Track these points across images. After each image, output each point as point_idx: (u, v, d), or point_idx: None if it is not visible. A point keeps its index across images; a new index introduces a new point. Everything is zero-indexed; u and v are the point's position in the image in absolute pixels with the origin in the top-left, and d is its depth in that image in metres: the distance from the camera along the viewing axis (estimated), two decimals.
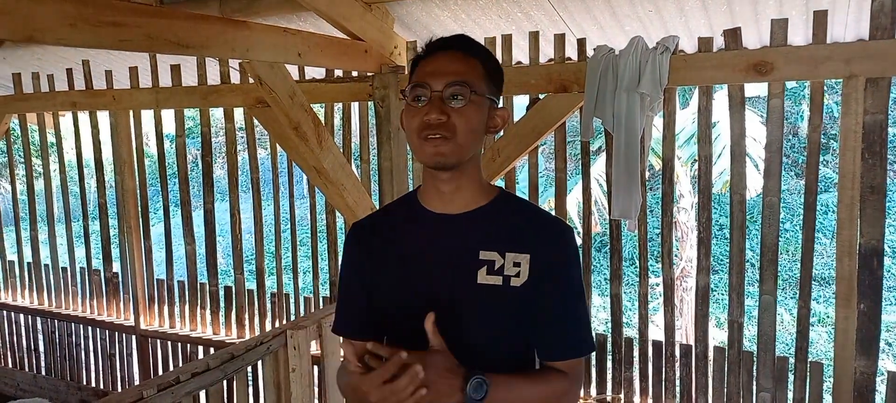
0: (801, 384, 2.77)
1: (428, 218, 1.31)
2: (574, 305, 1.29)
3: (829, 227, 10.93)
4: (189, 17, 2.25)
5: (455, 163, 1.23)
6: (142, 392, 2.18)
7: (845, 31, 2.71)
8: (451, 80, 1.21)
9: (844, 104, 2.49)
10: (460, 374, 1.16)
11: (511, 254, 1.25)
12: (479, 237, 1.27)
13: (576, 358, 1.30)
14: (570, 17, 2.95)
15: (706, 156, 2.86)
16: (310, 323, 2.77)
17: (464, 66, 1.23)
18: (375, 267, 1.35)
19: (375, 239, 1.37)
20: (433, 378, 1.12)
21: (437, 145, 1.21)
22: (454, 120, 1.21)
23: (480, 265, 1.26)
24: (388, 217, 1.42)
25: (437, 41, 1.28)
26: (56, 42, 1.95)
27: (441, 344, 1.17)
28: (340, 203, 3.22)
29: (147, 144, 4.73)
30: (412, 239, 1.33)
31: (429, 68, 1.25)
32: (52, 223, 4.91)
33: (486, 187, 1.33)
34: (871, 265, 2.52)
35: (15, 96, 4.70)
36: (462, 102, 1.21)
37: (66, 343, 4.96)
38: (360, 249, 1.38)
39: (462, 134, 1.22)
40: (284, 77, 2.77)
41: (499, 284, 1.25)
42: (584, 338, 1.30)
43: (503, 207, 1.31)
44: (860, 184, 2.49)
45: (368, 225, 1.41)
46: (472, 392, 1.14)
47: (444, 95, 1.21)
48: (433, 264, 1.29)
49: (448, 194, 1.29)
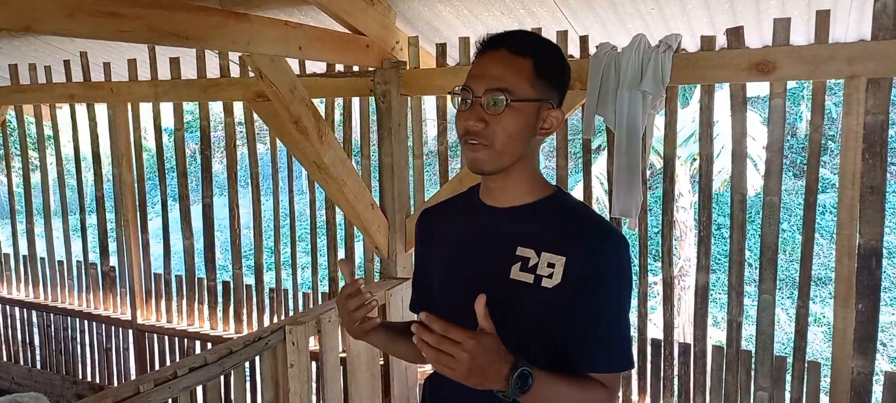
0: (798, 383, 2.77)
1: (480, 209, 1.33)
2: (611, 316, 1.24)
3: (827, 228, 10.95)
4: (189, 9, 2.23)
5: (493, 170, 1.24)
6: (139, 387, 2.17)
7: (847, 31, 2.70)
8: (490, 86, 1.19)
9: (846, 104, 2.49)
10: (509, 361, 1.11)
11: (547, 254, 1.23)
12: (520, 233, 1.27)
13: (610, 372, 1.26)
14: (572, 15, 2.94)
15: (707, 154, 2.85)
16: (308, 318, 2.76)
17: (507, 69, 1.20)
18: (433, 253, 1.41)
19: (433, 224, 1.44)
20: (483, 362, 1.08)
21: (476, 151, 1.22)
22: (493, 127, 1.20)
23: (516, 261, 1.25)
24: (450, 205, 1.45)
25: (489, 38, 1.26)
26: (53, 32, 1.93)
27: (491, 328, 1.13)
28: (340, 198, 3.21)
29: (145, 138, 4.71)
30: (462, 227, 1.36)
31: (475, 69, 1.23)
32: (48, 216, 4.89)
33: (540, 184, 1.32)
34: (870, 265, 2.52)
35: (12, 88, 4.68)
36: (500, 109, 1.19)
37: (62, 337, 4.95)
38: (422, 235, 1.47)
39: (500, 141, 1.21)
40: (285, 70, 2.76)
41: (530, 282, 1.23)
42: (619, 353, 1.26)
43: (552, 206, 1.30)
44: (860, 185, 2.49)
45: (430, 211, 1.49)
46: (517, 382, 1.10)
47: (483, 101, 1.20)
48: (474, 254, 1.31)
49: (496, 190, 1.30)
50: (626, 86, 2.70)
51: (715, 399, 2.93)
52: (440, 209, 1.47)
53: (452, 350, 1.06)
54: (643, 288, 3.06)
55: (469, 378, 1.08)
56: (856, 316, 2.55)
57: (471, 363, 1.07)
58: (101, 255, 4.71)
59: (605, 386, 1.24)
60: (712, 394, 2.94)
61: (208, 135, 4.17)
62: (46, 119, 4.81)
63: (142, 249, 4.48)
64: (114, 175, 4.45)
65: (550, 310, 1.23)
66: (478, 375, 1.08)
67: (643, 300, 3.07)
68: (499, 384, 1.11)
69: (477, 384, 1.10)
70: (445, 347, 1.07)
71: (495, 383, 1.11)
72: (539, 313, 1.24)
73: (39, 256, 5.03)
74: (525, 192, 1.29)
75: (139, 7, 2.07)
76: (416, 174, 3.51)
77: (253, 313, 4.19)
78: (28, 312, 5.11)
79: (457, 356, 1.06)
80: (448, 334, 1.07)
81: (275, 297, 4.11)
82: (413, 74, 3.30)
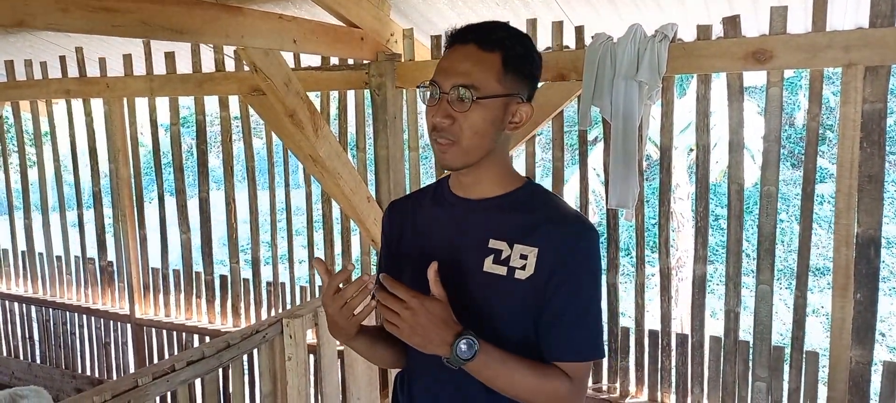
0: (796, 373, 2.77)
1: (451, 201, 1.33)
2: (579, 306, 1.24)
3: (826, 218, 10.96)
4: (183, 3, 2.22)
5: (461, 166, 1.23)
6: (137, 381, 2.17)
7: (845, 18, 2.70)
8: (457, 82, 1.18)
9: (843, 93, 2.48)
10: (453, 329, 1.15)
11: (519, 246, 1.23)
12: (492, 225, 1.26)
13: (577, 362, 1.25)
14: (567, 5, 2.93)
15: (704, 145, 2.85)
16: (306, 311, 2.76)
17: (474, 65, 1.19)
18: (402, 245, 1.39)
19: (403, 216, 1.42)
20: (425, 322, 1.13)
21: (443, 149, 1.21)
22: (459, 123, 1.19)
23: (488, 253, 1.25)
24: (419, 197, 1.44)
25: (461, 29, 1.24)
26: (47, 27, 1.92)
27: (442, 295, 1.16)
28: (336, 192, 3.20)
29: (141, 133, 4.70)
30: (433, 220, 1.35)
31: (443, 63, 1.22)
32: (46, 212, 4.88)
33: (511, 176, 1.31)
34: (868, 254, 2.52)
35: (7, 84, 4.66)
36: (466, 106, 1.19)
37: (61, 331, 4.95)
38: (390, 226, 1.43)
39: (467, 138, 1.20)
40: (280, 64, 2.75)
41: (502, 274, 1.23)
42: (588, 342, 1.25)
43: (524, 198, 1.29)
44: (858, 173, 2.49)
45: (399, 204, 1.46)
46: (461, 349, 1.14)
47: (450, 97, 1.19)
48: (447, 247, 1.29)
49: (467, 184, 1.30)
50: (622, 76, 2.69)
51: (713, 389, 2.94)
52: (409, 201, 1.45)
53: (397, 307, 1.12)
54: (640, 279, 3.06)
55: (412, 336, 1.14)
56: (854, 306, 2.55)
57: (413, 321, 1.12)
58: (99, 250, 4.70)
59: (569, 376, 1.23)
60: (710, 385, 2.94)
61: (204, 130, 4.16)
62: (43, 115, 4.80)
63: (139, 244, 4.47)
64: (110, 170, 4.44)
65: (524, 301, 1.23)
66: (419, 335, 1.13)
67: (640, 291, 3.07)
68: (443, 349, 1.15)
69: (419, 344, 1.15)
70: (390, 303, 1.12)
71: (439, 347, 1.15)
72: (513, 305, 1.24)
73: (38, 252, 5.02)
74: (496, 185, 1.29)
75: (133, 1, 2.06)
76: (412, 166, 3.50)
77: (250, 307, 4.19)
78: (27, 307, 5.11)
79: (401, 313, 1.12)
80: (395, 292, 1.13)
81: (272, 291, 4.11)
82: (408, 67, 3.29)
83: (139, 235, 4.47)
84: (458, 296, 1.22)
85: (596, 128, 7.77)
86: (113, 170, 4.41)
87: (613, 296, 3.11)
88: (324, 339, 2.86)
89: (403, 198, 1.49)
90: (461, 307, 1.22)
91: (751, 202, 10.05)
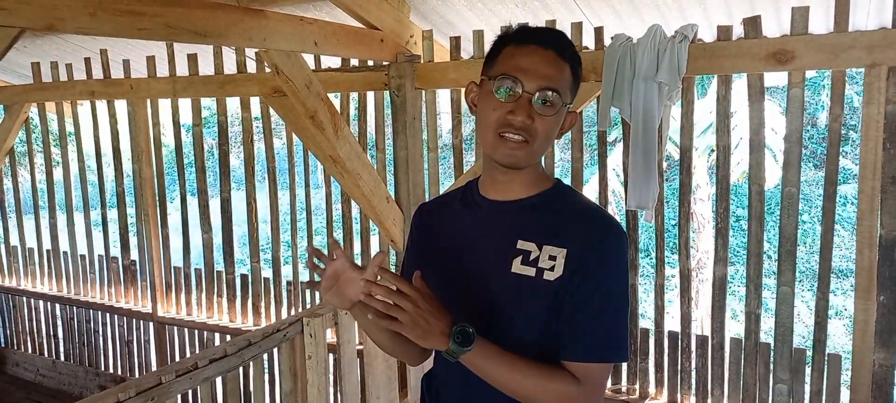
0: (818, 376, 2.74)
1: (480, 204, 1.33)
2: (596, 305, 1.20)
3: (848, 219, 10.80)
4: (207, 6, 2.26)
5: (526, 166, 1.25)
6: (161, 378, 2.21)
7: (867, 18, 2.66)
8: (546, 85, 1.18)
9: (866, 93, 2.45)
10: (447, 320, 1.15)
11: (548, 247, 1.22)
12: (521, 226, 1.26)
13: (591, 362, 1.20)
14: (587, 6, 2.93)
15: (724, 146, 2.83)
16: (326, 310, 2.78)
17: (557, 71, 1.20)
18: (428, 247, 1.39)
19: (432, 220, 1.42)
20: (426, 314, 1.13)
21: (514, 148, 1.20)
22: (537, 125, 1.19)
23: (517, 254, 1.24)
24: (448, 200, 1.44)
25: (534, 30, 1.24)
26: (76, 31, 1.97)
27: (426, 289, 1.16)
28: (356, 192, 3.23)
29: (164, 134, 4.76)
30: (462, 223, 1.35)
31: (523, 63, 1.19)
32: (70, 211, 4.97)
33: (541, 178, 1.31)
34: (891, 256, 2.49)
35: (34, 86, 4.75)
36: (549, 110, 1.19)
37: (85, 329, 5.03)
38: (419, 229, 1.44)
39: (540, 140, 1.21)
40: (301, 66, 2.78)
41: (531, 275, 1.22)
42: (602, 343, 1.20)
43: (553, 199, 1.29)
44: (882, 175, 2.46)
45: (428, 207, 1.47)
46: (458, 337, 1.13)
47: (533, 98, 1.18)
48: (475, 249, 1.29)
49: (502, 183, 1.29)
50: (642, 77, 2.68)
51: (733, 391, 2.92)
52: (438, 204, 1.46)
53: (399, 301, 1.12)
54: (660, 281, 3.05)
55: (413, 329, 1.13)
56: (877, 308, 2.52)
57: (415, 313, 1.12)
58: (122, 249, 4.78)
59: (577, 379, 1.19)
60: (730, 387, 2.92)
61: (226, 131, 4.21)
62: (68, 116, 4.88)
63: (162, 243, 4.54)
64: (134, 170, 4.51)
65: (553, 303, 1.21)
66: (420, 326, 1.13)
67: (660, 292, 3.06)
68: (441, 341, 1.14)
69: (419, 336, 1.13)
70: (394, 298, 1.12)
71: (437, 338, 1.14)
72: (541, 305, 1.22)
73: (62, 251, 5.11)
74: (528, 186, 1.29)
75: (158, 5, 2.10)
76: (431, 167, 3.52)
77: (271, 305, 4.23)
78: (52, 305, 5.21)
79: (403, 305, 1.12)
80: (396, 285, 1.13)
81: (292, 290, 4.14)
82: (427, 68, 3.31)
83: (162, 234, 4.53)
84: (484, 298, 1.22)
85: (616, 129, 7.74)
86: (136, 171, 4.48)
87: (633, 298, 3.10)
88: (344, 338, 2.88)
89: (433, 201, 1.49)
90: (487, 308, 1.22)
91: (773, 203, 9.93)
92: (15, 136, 4.95)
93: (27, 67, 4.76)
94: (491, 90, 1.21)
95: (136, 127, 4.41)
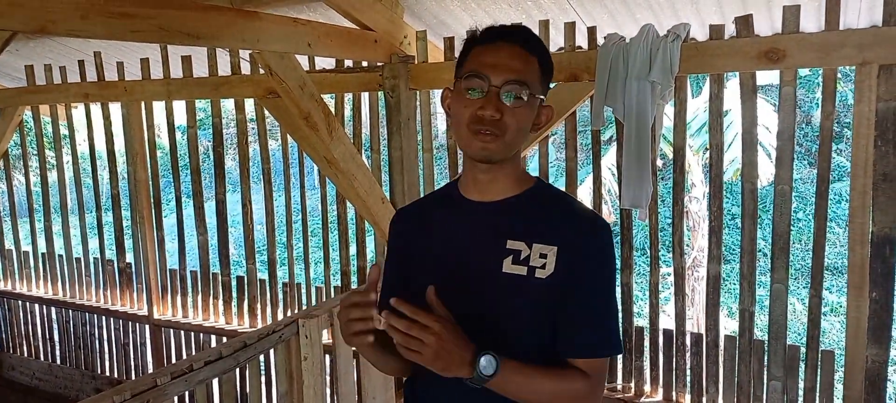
0: (812, 372, 2.76)
1: (463, 205, 1.32)
2: (597, 302, 1.25)
3: (841, 216, 10.84)
4: (200, 8, 2.26)
5: (499, 160, 1.25)
6: (156, 380, 2.20)
7: (859, 17, 2.68)
8: (511, 78, 1.20)
9: (857, 91, 2.47)
10: (471, 348, 1.14)
11: (538, 245, 1.23)
12: (508, 226, 1.27)
13: (595, 358, 1.25)
14: (580, 6, 2.94)
15: (717, 144, 2.84)
16: (321, 312, 2.79)
17: (524, 64, 1.22)
18: (411, 252, 1.38)
19: (413, 224, 1.41)
20: (449, 345, 1.11)
21: (487, 142, 1.21)
22: (507, 118, 1.21)
23: (507, 254, 1.24)
24: (427, 203, 1.45)
25: (499, 28, 1.26)
26: (68, 33, 1.97)
27: (449, 315, 1.14)
28: (351, 193, 3.23)
29: (159, 136, 4.76)
30: (446, 225, 1.34)
31: (489, 59, 1.22)
32: (65, 214, 4.96)
33: (522, 177, 1.32)
34: (883, 253, 2.50)
35: (28, 88, 4.74)
36: (519, 103, 1.21)
37: (81, 332, 5.02)
38: (399, 235, 1.42)
39: (512, 133, 1.22)
40: (295, 67, 2.78)
41: (523, 274, 1.23)
42: (606, 339, 1.26)
43: (537, 197, 1.30)
44: (873, 172, 2.47)
45: (408, 211, 1.46)
46: (483, 367, 1.13)
47: (501, 92, 1.20)
48: (463, 251, 1.29)
49: (484, 183, 1.29)
50: (635, 76, 2.69)
51: (728, 388, 2.93)
52: (417, 208, 1.45)
53: (421, 335, 1.09)
54: (655, 279, 3.06)
55: (435, 361, 1.11)
56: (870, 305, 2.54)
57: (438, 346, 1.10)
58: (118, 252, 4.77)
59: (586, 374, 1.23)
60: (725, 384, 2.94)
61: (221, 132, 4.21)
62: (62, 118, 4.87)
63: (157, 245, 4.53)
64: (128, 173, 4.50)
65: (546, 300, 1.23)
66: (443, 359, 1.11)
67: (655, 290, 3.07)
68: (465, 370, 1.13)
69: (442, 368, 1.12)
70: (414, 331, 1.09)
71: (460, 368, 1.13)
72: (534, 304, 1.24)
73: (57, 254, 5.10)
74: (511, 185, 1.30)
75: (150, 7, 2.10)
76: (426, 167, 3.53)
77: (267, 307, 4.23)
78: (47, 309, 5.19)
79: (425, 339, 1.09)
80: (417, 318, 1.10)
81: (288, 291, 4.14)
82: (421, 69, 3.31)
83: (157, 237, 4.53)
84: (475, 301, 1.22)
85: (610, 129, 7.75)
86: (131, 173, 4.48)
87: (628, 296, 3.11)
88: (339, 339, 2.89)
89: (410, 206, 1.49)
90: (479, 312, 1.22)
91: (766, 201, 9.96)
92: (9, 139, 4.93)
93: (21, 70, 4.75)
94: (462, 90, 1.24)
95: (131, 129, 4.41)
